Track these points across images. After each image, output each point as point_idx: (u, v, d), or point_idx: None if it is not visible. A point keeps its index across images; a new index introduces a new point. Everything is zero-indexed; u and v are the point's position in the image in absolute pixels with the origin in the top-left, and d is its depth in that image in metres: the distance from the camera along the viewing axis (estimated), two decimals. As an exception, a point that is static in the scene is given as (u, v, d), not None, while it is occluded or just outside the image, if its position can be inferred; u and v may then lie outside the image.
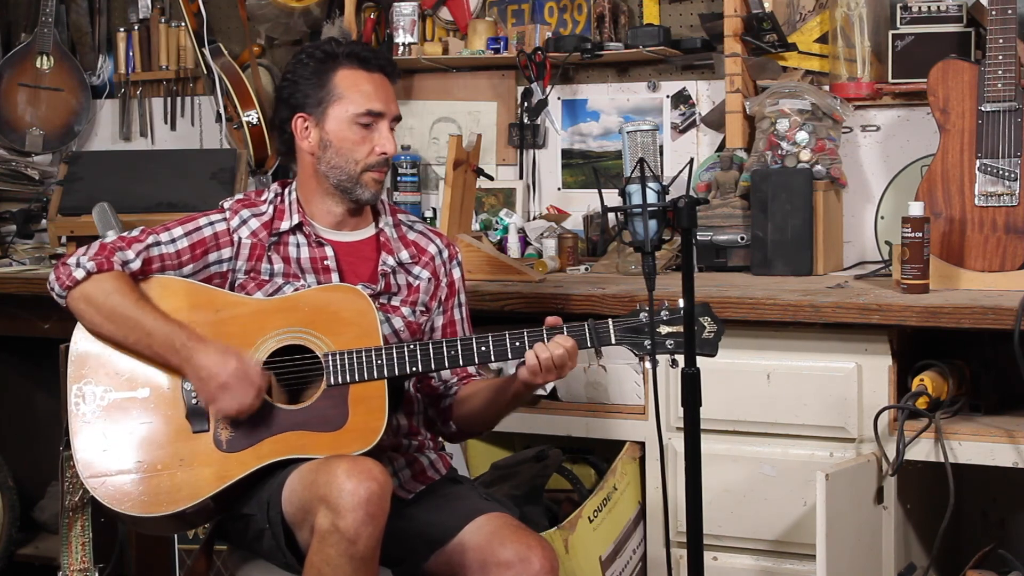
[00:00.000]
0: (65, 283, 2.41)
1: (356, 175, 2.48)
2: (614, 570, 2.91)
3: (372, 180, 2.49)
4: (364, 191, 2.50)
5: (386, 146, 2.47)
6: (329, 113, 2.47)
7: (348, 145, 2.47)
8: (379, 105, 2.47)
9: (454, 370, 2.59)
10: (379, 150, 2.47)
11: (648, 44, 3.62)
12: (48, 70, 4.36)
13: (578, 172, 3.93)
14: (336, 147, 2.48)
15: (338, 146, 2.48)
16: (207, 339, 2.36)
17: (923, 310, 2.67)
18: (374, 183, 2.49)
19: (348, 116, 2.46)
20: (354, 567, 2.15)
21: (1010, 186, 2.93)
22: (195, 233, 2.49)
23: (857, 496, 2.69)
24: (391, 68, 2.53)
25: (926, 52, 3.30)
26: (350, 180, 2.49)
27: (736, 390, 2.85)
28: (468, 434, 2.67)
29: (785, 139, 3.34)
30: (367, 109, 2.46)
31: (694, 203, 2.26)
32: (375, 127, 2.47)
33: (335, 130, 2.47)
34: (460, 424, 2.60)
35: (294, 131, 2.51)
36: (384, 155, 2.48)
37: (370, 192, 2.50)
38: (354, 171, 2.48)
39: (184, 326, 2.37)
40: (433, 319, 2.62)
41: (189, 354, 2.34)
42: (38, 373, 4.11)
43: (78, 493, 2.78)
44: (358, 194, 2.50)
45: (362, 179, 2.49)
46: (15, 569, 4.01)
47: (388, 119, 2.49)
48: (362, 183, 2.49)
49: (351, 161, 2.48)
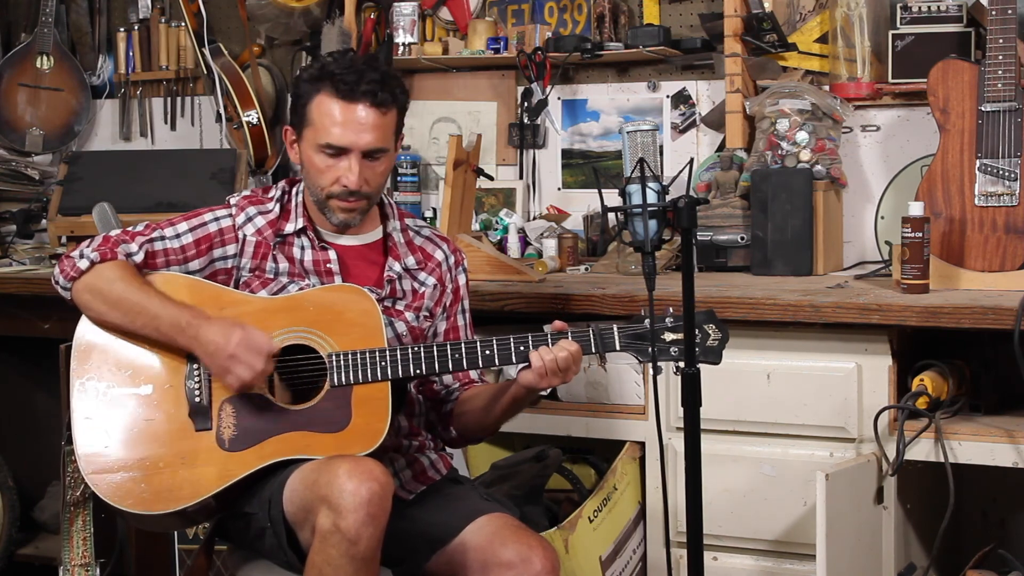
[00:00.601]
0: (69, 274, 2.41)
1: (322, 199, 2.47)
2: (614, 570, 2.91)
3: (339, 208, 2.46)
4: (332, 215, 2.48)
5: (348, 180, 2.42)
6: (303, 135, 2.47)
7: (314, 171, 2.45)
8: (343, 140, 2.41)
9: (456, 375, 2.59)
10: (343, 182, 2.43)
11: (648, 44, 3.63)
12: (48, 70, 4.36)
13: (578, 172, 3.93)
14: (306, 169, 2.48)
15: (307, 168, 2.48)
16: (212, 317, 2.36)
17: (923, 310, 2.67)
18: (341, 211, 2.46)
19: (314, 144, 2.44)
20: (355, 567, 2.15)
21: (1010, 186, 2.93)
22: (200, 229, 2.49)
23: (857, 496, 2.69)
24: (382, 96, 2.42)
25: (926, 52, 3.31)
26: (319, 202, 2.48)
27: (736, 390, 2.85)
28: (469, 440, 2.66)
29: (785, 139, 3.34)
30: (327, 142, 2.41)
31: (694, 203, 2.26)
32: (342, 159, 2.43)
33: (306, 153, 2.47)
34: (460, 430, 2.60)
35: (284, 140, 2.54)
36: (346, 188, 2.43)
37: (338, 218, 2.48)
38: (320, 196, 2.47)
39: (189, 307, 2.38)
40: (436, 324, 2.62)
41: (195, 332, 2.34)
42: (38, 373, 4.11)
43: (79, 488, 2.78)
44: (328, 216, 2.49)
45: (329, 204, 2.47)
46: (15, 569, 4.01)
47: (356, 153, 2.42)
48: (329, 207, 2.47)
49: (317, 186, 2.46)
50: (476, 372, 2.63)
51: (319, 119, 2.42)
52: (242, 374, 2.30)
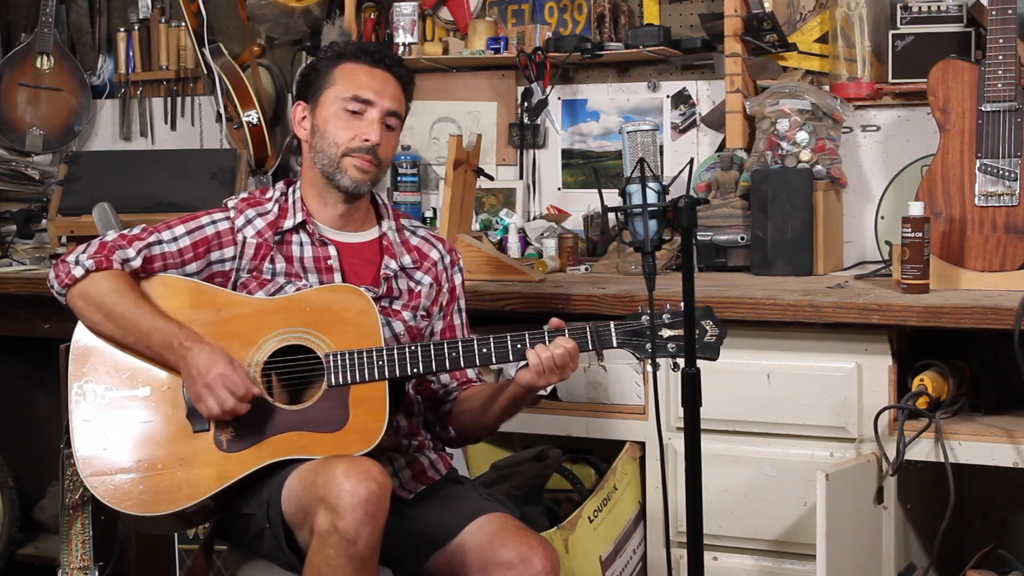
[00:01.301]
0: (64, 281, 2.41)
1: (336, 159, 2.46)
2: (614, 570, 2.91)
3: (352, 167, 2.46)
4: (343, 177, 2.47)
5: (370, 134, 2.45)
6: (321, 99, 2.49)
7: (332, 128, 2.47)
8: (369, 93, 2.47)
9: (454, 375, 2.59)
10: (363, 136, 2.45)
11: (648, 44, 3.62)
12: (48, 70, 4.36)
13: (578, 172, 3.93)
14: (322, 130, 2.48)
15: (323, 129, 2.48)
16: (204, 340, 2.36)
17: (923, 310, 2.67)
18: (355, 170, 2.46)
19: (337, 100, 2.47)
20: (354, 567, 2.14)
21: (1010, 186, 2.93)
22: (197, 232, 2.49)
23: (857, 496, 2.69)
24: (400, 69, 2.53)
25: (926, 52, 3.31)
26: (331, 164, 2.47)
27: (736, 390, 2.85)
28: (468, 440, 2.66)
29: (785, 139, 3.34)
30: (354, 94, 2.46)
31: (694, 203, 2.26)
32: (363, 116, 2.47)
33: (324, 115, 2.49)
34: (459, 430, 2.59)
35: (293, 120, 2.55)
36: (367, 142, 2.45)
37: (349, 179, 2.47)
38: (335, 154, 2.46)
39: (183, 326, 2.37)
40: (433, 324, 2.62)
41: (184, 353, 2.34)
42: (38, 373, 4.11)
43: (78, 491, 2.77)
44: (338, 180, 2.47)
45: (342, 164, 2.46)
46: (15, 569, 4.01)
47: (379, 110, 2.47)
48: (342, 168, 2.46)
49: (333, 144, 2.47)
50: (474, 372, 2.63)
51: (344, 79, 2.48)
52: (211, 406, 2.30)
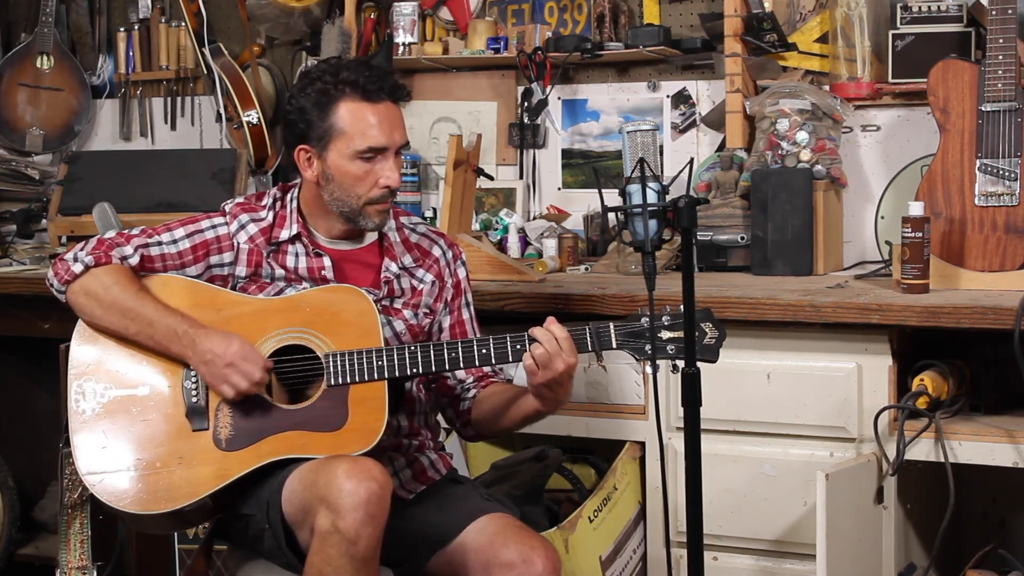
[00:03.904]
0: (64, 278, 2.41)
1: (359, 208, 2.45)
2: (614, 570, 2.91)
3: (376, 212, 2.45)
4: (368, 221, 2.46)
5: (390, 179, 2.42)
6: (331, 148, 2.41)
7: (350, 180, 2.42)
8: (382, 140, 2.40)
9: (469, 370, 2.58)
10: (383, 183, 2.42)
11: (648, 44, 3.62)
12: (48, 70, 4.36)
13: (578, 172, 3.93)
14: (338, 181, 2.43)
15: (340, 180, 2.43)
16: (208, 327, 2.36)
17: (923, 310, 2.67)
18: (378, 214, 2.45)
19: (350, 152, 2.40)
20: (355, 567, 2.15)
21: (1010, 186, 2.93)
22: (197, 235, 2.49)
23: (857, 496, 2.69)
24: (398, 93, 2.44)
25: (926, 52, 3.30)
26: (352, 212, 2.46)
27: (736, 390, 2.85)
28: (486, 438, 2.68)
29: (785, 139, 3.34)
30: (368, 147, 2.40)
31: (694, 203, 2.26)
32: (379, 160, 2.42)
33: (337, 165, 2.42)
34: (479, 428, 2.60)
35: (297, 161, 2.47)
36: (387, 188, 2.43)
37: (374, 223, 2.46)
38: (356, 205, 2.44)
39: (185, 315, 2.38)
40: (440, 320, 2.61)
41: (192, 340, 2.34)
42: (38, 373, 4.11)
43: (77, 490, 2.77)
44: (362, 224, 2.47)
45: (365, 211, 2.45)
46: (15, 569, 4.01)
47: (392, 150, 2.43)
48: (365, 214, 2.45)
49: (353, 196, 2.43)
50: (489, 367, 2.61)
51: (352, 126, 2.39)
52: (239, 383, 2.31)
